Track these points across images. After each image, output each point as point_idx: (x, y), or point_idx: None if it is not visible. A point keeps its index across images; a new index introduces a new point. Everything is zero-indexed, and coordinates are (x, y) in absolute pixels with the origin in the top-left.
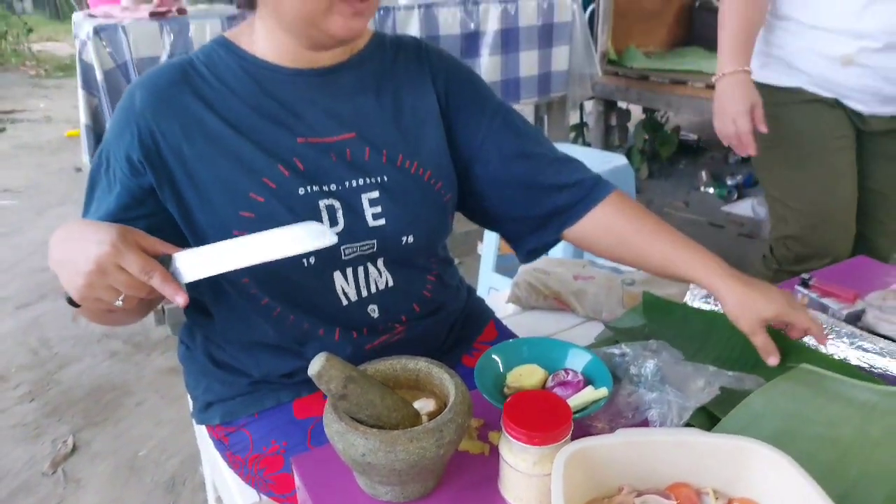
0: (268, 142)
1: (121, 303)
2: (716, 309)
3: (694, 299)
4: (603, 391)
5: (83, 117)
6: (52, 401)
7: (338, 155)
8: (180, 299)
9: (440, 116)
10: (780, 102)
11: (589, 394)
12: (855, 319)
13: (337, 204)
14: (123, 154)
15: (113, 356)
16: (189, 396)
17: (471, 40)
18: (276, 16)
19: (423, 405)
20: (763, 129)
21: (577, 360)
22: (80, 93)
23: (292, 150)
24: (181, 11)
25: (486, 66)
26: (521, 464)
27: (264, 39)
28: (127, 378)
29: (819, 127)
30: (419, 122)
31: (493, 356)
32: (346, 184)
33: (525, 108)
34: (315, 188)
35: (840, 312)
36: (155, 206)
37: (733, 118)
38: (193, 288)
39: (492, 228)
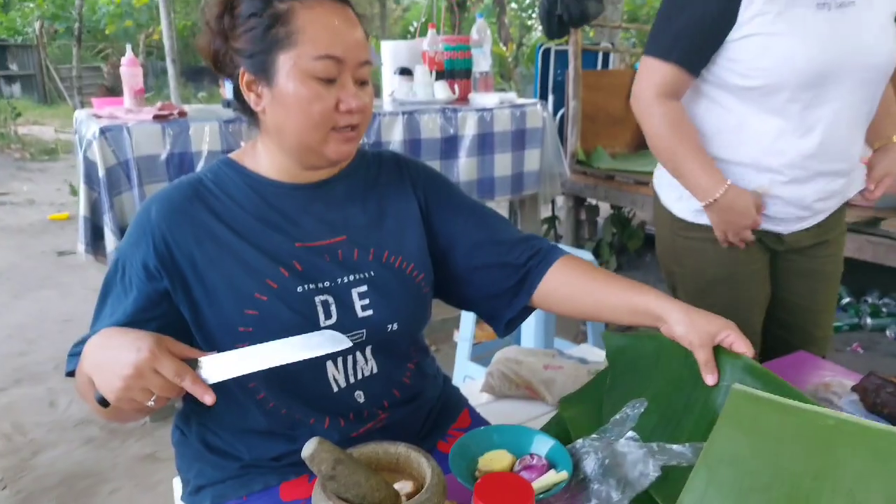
0: (270, 247)
1: (153, 403)
2: None
3: None
4: (563, 474)
5: (82, 209)
6: (26, 488)
7: (331, 256)
8: (209, 399)
9: (421, 218)
10: (693, 237)
11: (551, 477)
12: None
13: (330, 299)
14: (140, 262)
15: (89, 442)
16: (179, 479)
17: (450, 143)
18: (278, 141)
19: (403, 486)
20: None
21: (542, 446)
22: (82, 187)
23: (291, 253)
24: (182, 114)
25: (464, 166)
26: None
27: (266, 159)
28: (102, 465)
29: (730, 259)
30: (401, 223)
31: (466, 442)
32: (339, 280)
33: (500, 204)
34: (311, 286)
35: None
36: (168, 308)
37: (748, 225)
38: None
39: (471, 309)
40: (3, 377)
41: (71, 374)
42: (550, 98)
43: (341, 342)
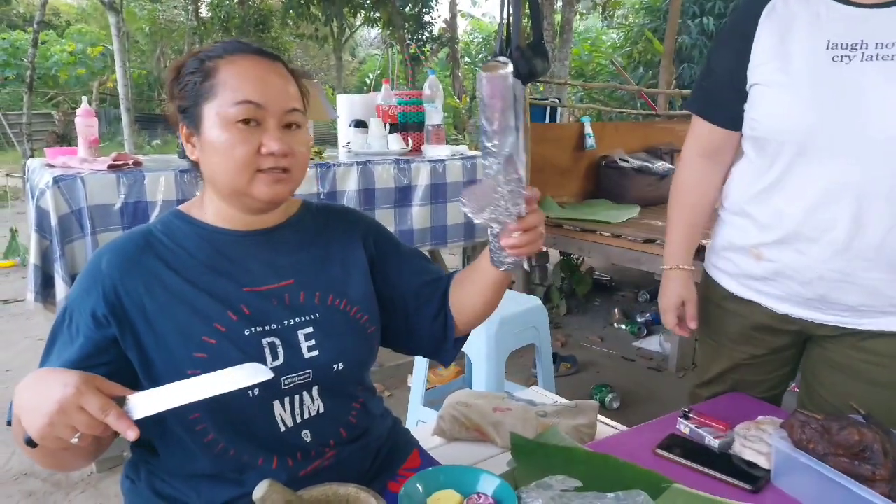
0: (218, 292)
1: (76, 440)
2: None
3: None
4: None
5: (33, 258)
6: None
7: (278, 299)
8: (132, 434)
9: (367, 266)
10: (715, 299)
11: None
12: (726, 447)
13: (277, 341)
14: (89, 310)
15: (29, 496)
16: None
17: (403, 193)
18: (214, 188)
19: None
20: (692, 325)
21: (488, 485)
22: (33, 235)
23: (239, 298)
24: (137, 164)
25: (417, 214)
26: None
27: (212, 209)
28: None
29: (739, 325)
30: (347, 268)
31: (415, 483)
32: (285, 322)
33: (454, 250)
34: (259, 329)
35: (713, 441)
36: (115, 355)
37: (664, 310)
38: (141, 427)
39: (415, 351)
40: None
41: (10, 423)
42: None
43: (264, 374)
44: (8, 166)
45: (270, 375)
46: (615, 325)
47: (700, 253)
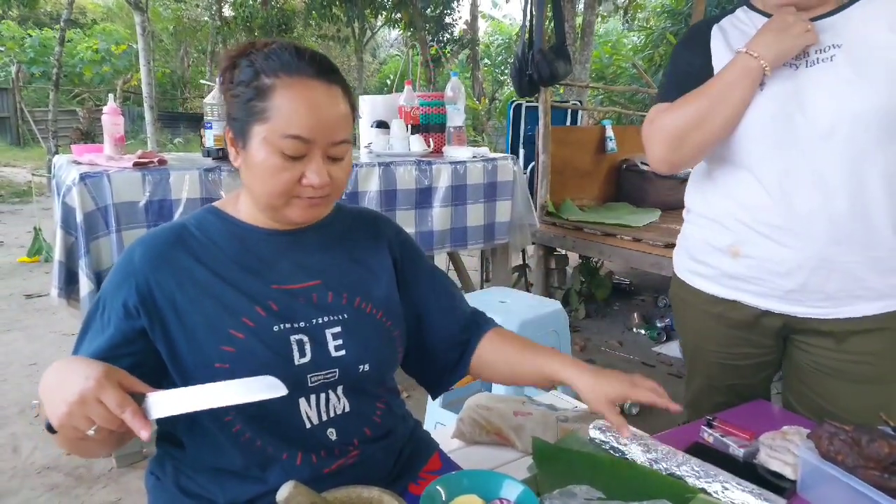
0: (247, 288)
1: (93, 433)
2: (611, 441)
3: (595, 431)
4: None
5: (58, 254)
6: None
7: (306, 298)
8: (145, 434)
9: (394, 272)
10: (695, 303)
11: None
12: (751, 457)
13: (305, 338)
14: (120, 302)
15: (52, 489)
16: None
17: (424, 194)
18: (250, 196)
19: None
20: None
21: (511, 491)
22: (59, 232)
23: (267, 294)
24: (162, 162)
25: (438, 216)
26: None
27: (246, 208)
28: None
29: (722, 326)
30: (373, 273)
31: (437, 486)
32: (313, 321)
33: (473, 253)
34: (287, 325)
35: (738, 450)
36: (143, 346)
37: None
38: (169, 422)
39: (417, 370)
40: None
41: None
42: (521, 152)
43: (279, 389)
44: (33, 163)
45: (285, 392)
46: (634, 329)
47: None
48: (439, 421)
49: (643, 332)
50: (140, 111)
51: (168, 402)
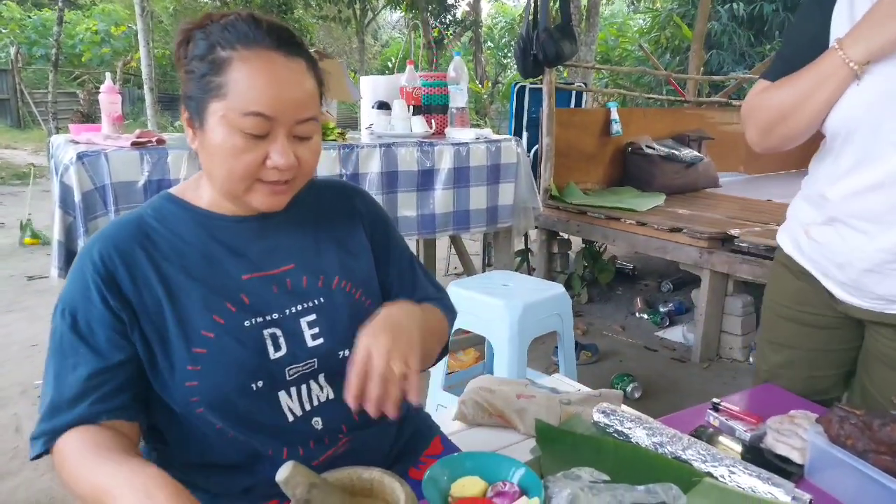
0: (216, 283)
1: None
2: (615, 425)
3: (599, 414)
4: (535, 501)
5: (57, 234)
6: None
7: (279, 285)
8: None
9: (370, 247)
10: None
11: (523, 503)
12: (757, 441)
13: (279, 331)
14: (98, 302)
15: (53, 470)
16: None
17: (426, 176)
18: (210, 180)
19: None
20: None
21: (514, 473)
22: (57, 212)
23: (238, 287)
24: (160, 142)
25: (440, 198)
26: None
27: (208, 194)
28: (67, 495)
29: (802, 289)
30: (349, 250)
31: (439, 469)
32: (287, 311)
33: (475, 237)
34: (259, 319)
35: (745, 434)
36: (134, 346)
37: None
38: (150, 414)
39: None
40: None
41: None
42: (525, 134)
43: None
44: (34, 144)
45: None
46: (637, 314)
47: None
48: (440, 403)
49: (646, 316)
50: (140, 93)
51: None
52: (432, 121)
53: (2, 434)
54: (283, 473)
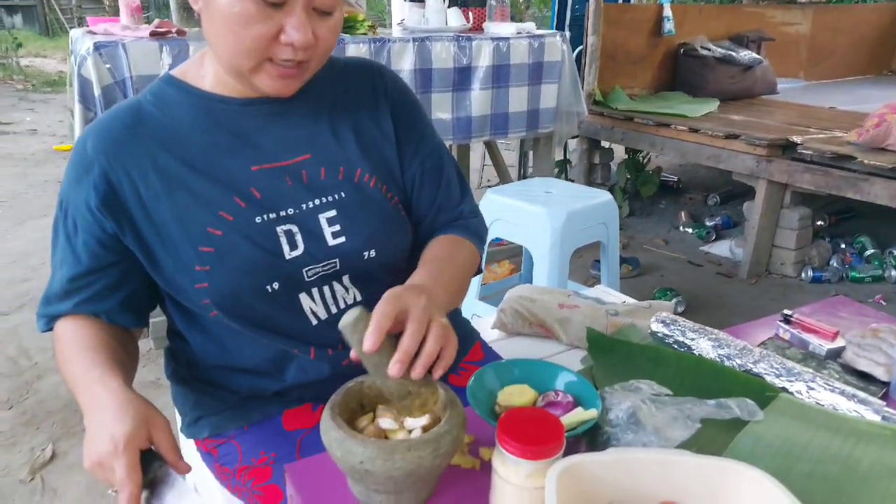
0: (223, 175)
1: (112, 493)
2: (675, 335)
3: (657, 324)
4: (592, 412)
5: (78, 131)
6: (30, 410)
7: (293, 178)
8: None
9: (394, 136)
10: None
11: (579, 414)
12: (835, 356)
13: (295, 228)
14: (83, 202)
15: None
16: (176, 412)
17: (463, 74)
18: (214, 55)
19: (417, 421)
20: None
21: (567, 383)
22: (77, 107)
23: (247, 179)
24: (180, 33)
25: (477, 99)
26: (513, 477)
27: (212, 74)
28: None
29: None
30: (374, 138)
31: (485, 375)
32: (303, 206)
33: (511, 144)
34: (272, 215)
35: (821, 349)
36: (123, 250)
37: None
38: (167, 314)
39: None
40: (7, 302)
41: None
42: (567, 34)
43: None
44: (63, 52)
45: None
46: (681, 228)
47: None
48: (475, 313)
49: (691, 230)
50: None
51: (178, 501)
52: (469, 14)
53: (42, 333)
54: (348, 317)
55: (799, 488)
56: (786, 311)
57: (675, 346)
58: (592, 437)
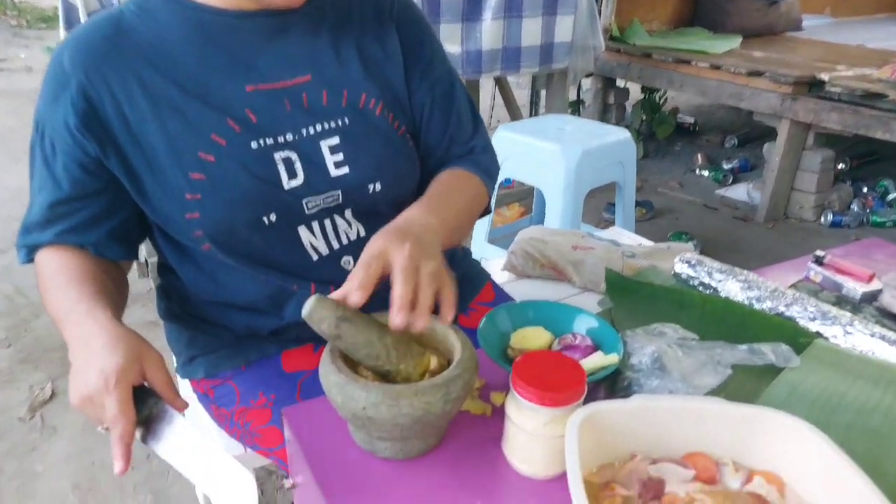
0: (215, 95)
1: (101, 430)
2: (700, 276)
3: (681, 265)
4: (613, 357)
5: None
6: (27, 348)
7: (292, 101)
8: (117, 466)
9: (402, 59)
10: None
11: (599, 359)
12: (871, 299)
13: (294, 155)
14: (61, 122)
15: None
16: (171, 352)
17: (473, 3)
18: None
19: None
20: None
21: (585, 325)
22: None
23: (242, 101)
24: None
25: (488, 31)
26: (529, 424)
27: None
28: None
29: None
30: (379, 60)
31: (497, 316)
32: (303, 132)
33: (522, 80)
34: (269, 141)
35: (856, 291)
36: (108, 176)
37: None
38: (157, 247)
39: None
40: (5, 239)
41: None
42: None
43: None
44: None
45: None
46: (697, 171)
47: None
48: (484, 256)
49: (707, 173)
50: None
51: (174, 438)
52: None
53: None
54: (306, 308)
55: (839, 441)
56: (818, 252)
57: (701, 289)
58: (612, 384)
